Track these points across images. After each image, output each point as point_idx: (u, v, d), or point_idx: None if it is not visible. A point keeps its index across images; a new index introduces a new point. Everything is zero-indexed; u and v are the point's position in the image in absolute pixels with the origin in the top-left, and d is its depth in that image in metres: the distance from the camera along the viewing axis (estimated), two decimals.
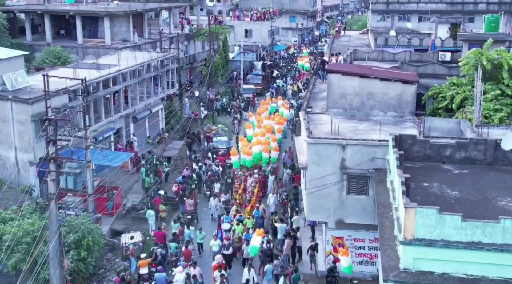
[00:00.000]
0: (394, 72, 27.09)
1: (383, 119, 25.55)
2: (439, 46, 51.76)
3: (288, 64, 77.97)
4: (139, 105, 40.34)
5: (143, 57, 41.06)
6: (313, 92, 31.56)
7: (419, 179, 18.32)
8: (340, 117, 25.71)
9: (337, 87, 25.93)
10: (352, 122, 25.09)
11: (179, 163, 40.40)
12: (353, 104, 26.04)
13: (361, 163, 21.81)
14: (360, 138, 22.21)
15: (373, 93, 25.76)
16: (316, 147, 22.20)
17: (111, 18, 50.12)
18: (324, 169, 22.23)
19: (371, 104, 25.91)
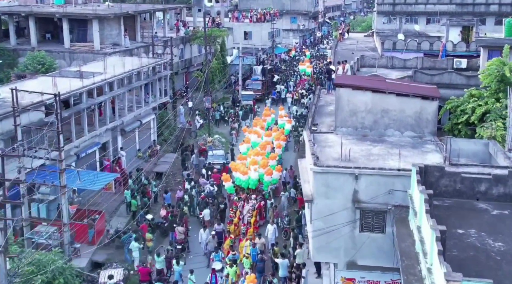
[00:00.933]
0: (411, 85, 23.80)
1: (400, 140, 22.27)
2: (450, 50, 48.54)
3: (289, 68, 74.67)
4: (128, 116, 37.05)
5: (132, 63, 37.78)
6: (318, 105, 28.26)
7: (451, 224, 15.04)
8: (350, 138, 22.44)
9: (347, 103, 22.66)
10: (364, 144, 21.80)
11: (171, 179, 37.13)
12: (365, 122, 22.77)
13: (377, 195, 18.52)
14: (375, 167, 18.89)
15: (388, 110, 22.48)
16: (324, 177, 18.92)
17: (100, 20, 46.90)
18: (333, 202, 18.96)
19: (386, 123, 22.63)
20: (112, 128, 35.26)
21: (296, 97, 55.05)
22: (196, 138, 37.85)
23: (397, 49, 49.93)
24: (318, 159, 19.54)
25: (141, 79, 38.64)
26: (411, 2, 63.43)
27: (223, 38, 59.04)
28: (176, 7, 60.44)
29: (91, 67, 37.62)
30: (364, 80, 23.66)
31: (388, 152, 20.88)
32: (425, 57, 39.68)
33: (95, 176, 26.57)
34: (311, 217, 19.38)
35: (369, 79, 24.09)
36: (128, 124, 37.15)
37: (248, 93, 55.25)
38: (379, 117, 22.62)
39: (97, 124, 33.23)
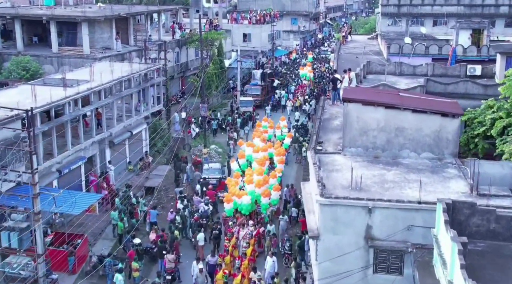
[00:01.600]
0: (429, 99, 21.18)
1: (417, 163, 19.66)
2: (460, 55, 45.94)
3: (290, 71, 72.04)
4: (117, 127, 34.42)
5: (122, 70, 35.08)
6: (323, 118, 25.65)
7: (487, 276, 12.44)
8: (360, 160, 19.84)
9: (357, 120, 20.06)
10: (377, 168, 19.19)
11: (163, 195, 34.50)
12: (377, 142, 20.16)
13: (394, 232, 15.92)
14: (392, 198, 16.27)
15: (403, 128, 19.87)
16: (332, 210, 16.33)
17: (91, 23, 44.36)
18: (342, 239, 16.38)
19: (401, 142, 20.03)
20: (99, 140, 32.64)
21: (297, 104, 52.29)
22: (190, 152, 35.13)
23: (404, 54, 47.36)
24: (324, 187, 16.93)
25: (131, 87, 36.03)
26: (417, 3, 60.81)
27: (220, 41, 56.38)
28: (171, 9, 57.72)
29: (78, 74, 35.04)
30: (375, 94, 21.05)
31: (405, 178, 18.26)
32: (436, 63, 37.06)
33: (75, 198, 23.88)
34: (317, 255, 16.76)
35: (381, 93, 21.48)
36: (117, 135, 34.51)
37: (247, 99, 52.61)
38: (393, 136, 20.01)
39: (82, 137, 30.58)
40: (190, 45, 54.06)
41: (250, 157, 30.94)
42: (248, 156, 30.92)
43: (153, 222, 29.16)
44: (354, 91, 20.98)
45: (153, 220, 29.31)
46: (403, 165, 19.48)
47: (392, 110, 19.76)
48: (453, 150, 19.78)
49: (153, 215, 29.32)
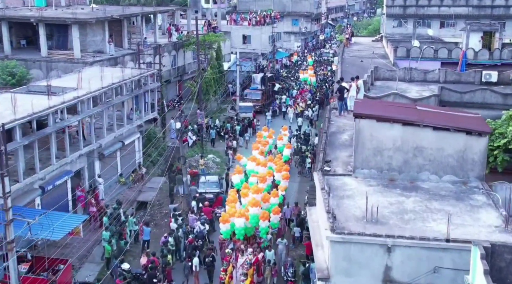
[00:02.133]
0: (451, 114, 18.86)
1: (438, 187, 17.35)
2: (471, 59, 43.68)
3: (291, 74, 69.74)
4: (107, 137, 32.10)
5: (113, 76, 32.76)
6: (329, 132, 23.33)
7: None
8: (374, 184, 17.54)
9: (370, 139, 17.75)
10: (393, 194, 16.88)
11: (157, 210, 32.17)
12: (392, 163, 17.86)
13: (418, 276, 13.62)
14: (415, 235, 13.95)
15: (423, 148, 17.57)
16: (345, 248, 14.03)
17: (82, 26, 41.99)
18: (357, 281, 14.05)
19: (420, 163, 17.73)
20: (87, 153, 30.33)
21: (298, 111, 49.81)
22: (185, 165, 32.78)
23: (411, 58, 45.05)
24: (335, 219, 14.61)
25: (123, 94, 33.71)
26: (424, 4, 58.47)
27: (219, 44, 54.02)
28: (168, 10, 55.34)
29: (66, 80, 32.75)
30: (390, 108, 18.72)
31: (427, 207, 15.95)
32: (448, 69, 34.81)
33: (55, 225, 21.55)
34: None
35: (396, 106, 19.15)
36: (107, 147, 32.21)
37: (246, 104, 50.25)
38: (411, 156, 17.71)
39: (68, 150, 28.26)
40: (188, 48, 51.71)
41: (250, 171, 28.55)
42: (250, 171, 28.51)
43: (146, 240, 26.99)
44: (366, 105, 18.67)
45: (146, 238, 27.13)
46: (423, 190, 17.16)
47: (410, 128, 17.46)
48: (479, 173, 17.46)
49: (146, 232, 27.10)
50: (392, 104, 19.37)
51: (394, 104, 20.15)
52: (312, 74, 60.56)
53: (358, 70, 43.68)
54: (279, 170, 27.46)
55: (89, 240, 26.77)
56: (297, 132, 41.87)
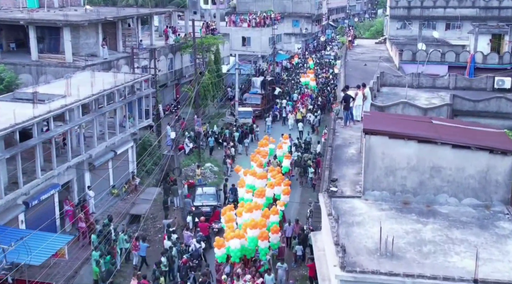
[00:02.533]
0: (471, 130, 17.07)
1: (458, 212, 15.59)
2: (480, 62, 42.03)
3: (292, 78, 67.94)
4: (98, 147, 30.33)
5: (105, 81, 30.98)
6: (335, 145, 21.55)
7: None
8: (387, 208, 15.78)
9: (382, 157, 15.98)
10: (409, 220, 15.11)
11: (150, 224, 30.41)
12: (406, 184, 16.09)
13: None
14: (437, 274, 12.17)
15: (440, 168, 15.81)
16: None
17: (74, 28, 40.24)
18: None
19: (437, 185, 15.96)
20: (76, 164, 28.56)
21: (299, 117, 47.87)
22: (180, 176, 30.97)
23: (417, 61, 43.31)
24: (345, 252, 12.83)
25: (115, 101, 31.92)
26: (429, 5, 56.78)
27: (217, 47, 52.22)
28: (164, 11, 53.53)
29: (55, 86, 30.98)
30: (403, 123, 16.94)
31: (447, 236, 14.17)
32: (458, 74, 33.08)
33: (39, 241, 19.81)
34: None
35: (409, 120, 17.36)
36: (98, 157, 30.43)
37: (246, 109, 48.46)
38: (427, 177, 15.94)
39: (55, 162, 26.47)
40: (185, 51, 49.92)
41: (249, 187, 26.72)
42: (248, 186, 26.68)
43: (143, 256, 25.36)
44: (377, 119, 16.88)
45: (143, 254, 25.54)
46: (442, 215, 15.39)
47: (427, 145, 15.69)
48: (504, 196, 15.68)
49: (142, 248, 25.45)
50: (405, 118, 17.59)
51: (407, 117, 18.36)
52: (313, 78, 58.78)
53: (362, 75, 41.98)
54: (279, 183, 25.66)
55: (78, 259, 25.04)
56: (297, 141, 39.90)
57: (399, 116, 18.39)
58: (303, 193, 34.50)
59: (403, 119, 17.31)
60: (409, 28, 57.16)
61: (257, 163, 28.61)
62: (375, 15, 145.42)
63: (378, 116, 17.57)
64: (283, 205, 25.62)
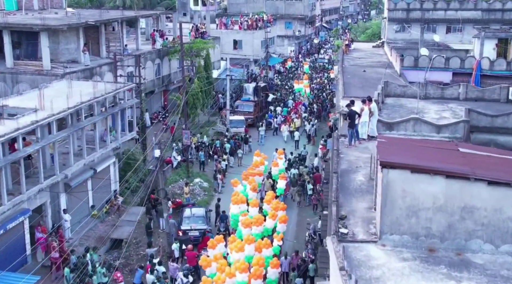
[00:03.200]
0: (506, 159, 14.39)
1: (496, 262, 12.92)
2: (486, 69, 39.61)
3: (285, 82, 65.23)
4: (75, 165, 27.49)
5: (83, 92, 28.15)
6: (340, 170, 18.84)
7: None
8: (409, 257, 13.08)
9: (402, 195, 13.29)
10: (438, 274, 12.41)
11: (133, 251, 27.59)
12: (432, 228, 13.41)
13: None
14: None
15: (473, 208, 13.14)
16: None
17: (53, 33, 37.48)
18: None
19: (469, 229, 13.29)
20: (50, 186, 25.70)
21: (293, 128, 44.91)
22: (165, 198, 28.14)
23: (419, 67, 40.81)
24: None
25: (95, 114, 29.09)
26: (429, 7, 54.24)
27: (207, 51, 49.44)
28: (151, 14, 50.67)
29: (27, 98, 28.12)
30: (425, 152, 14.24)
31: None
32: (469, 84, 30.54)
33: None
34: None
35: (432, 149, 14.66)
36: (75, 176, 27.59)
37: (238, 118, 45.70)
38: (457, 219, 13.26)
39: (24, 185, 23.63)
40: (173, 56, 47.12)
41: (235, 217, 23.96)
42: (234, 216, 23.92)
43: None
44: (394, 148, 14.17)
45: (138, 282, 22.91)
46: (477, 267, 12.71)
47: (457, 181, 13.01)
48: None
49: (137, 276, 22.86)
50: (426, 145, 14.92)
51: (428, 144, 15.64)
52: (306, 84, 56.07)
53: (362, 82, 39.37)
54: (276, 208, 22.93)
55: None
56: (291, 156, 36.83)
57: (419, 143, 15.71)
58: (300, 213, 31.83)
59: (425, 147, 14.66)
60: (408, 31, 54.64)
61: (251, 186, 25.85)
62: (368, 16, 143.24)
63: (394, 143, 14.86)
64: (280, 239, 22.84)
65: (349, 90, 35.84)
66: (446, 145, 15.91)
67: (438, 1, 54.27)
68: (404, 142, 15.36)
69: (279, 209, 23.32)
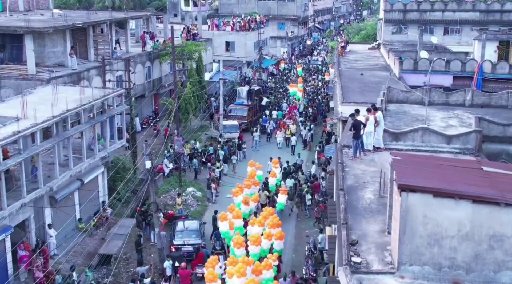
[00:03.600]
0: None
1: None
2: (488, 72, 38.37)
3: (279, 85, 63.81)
4: (61, 177, 25.86)
5: (69, 99, 26.51)
6: (346, 186, 17.42)
7: None
8: None
9: (423, 222, 11.91)
10: None
11: (122, 268, 26.06)
12: (457, 258, 12.04)
13: None
14: None
15: (503, 236, 11.80)
16: None
17: (39, 36, 35.92)
18: None
19: (498, 259, 11.93)
20: (34, 200, 24.10)
21: (288, 135, 43.19)
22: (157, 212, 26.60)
23: (419, 71, 39.60)
24: None
25: (82, 122, 27.50)
26: (426, 8, 52.98)
27: (199, 54, 47.91)
28: (141, 16, 49.07)
29: (10, 106, 26.46)
30: (447, 173, 12.83)
31: None
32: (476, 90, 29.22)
33: None
34: None
35: (455, 168, 13.26)
36: (61, 188, 25.98)
37: (231, 123, 44.16)
38: (485, 248, 11.89)
39: (5, 201, 22.01)
40: (164, 59, 45.55)
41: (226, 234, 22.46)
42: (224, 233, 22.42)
43: None
44: (411, 168, 12.74)
45: None
46: None
47: (485, 206, 11.64)
48: None
49: None
50: (448, 164, 13.52)
51: (449, 162, 14.23)
52: (300, 88, 54.63)
53: (361, 86, 38.02)
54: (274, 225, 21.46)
55: None
56: (287, 165, 35.08)
57: (438, 161, 14.28)
58: (298, 224, 30.38)
59: (446, 166, 13.28)
60: (405, 32, 53.36)
61: (243, 200, 24.34)
62: (360, 16, 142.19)
63: (410, 161, 13.43)
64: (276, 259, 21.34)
65: (348, 95, 34.49)
66: (468, 163, 14.50)
67: (436, 2, 53.06)
68: (421, 160, 13.94)
69: (275, 227, 21.81)
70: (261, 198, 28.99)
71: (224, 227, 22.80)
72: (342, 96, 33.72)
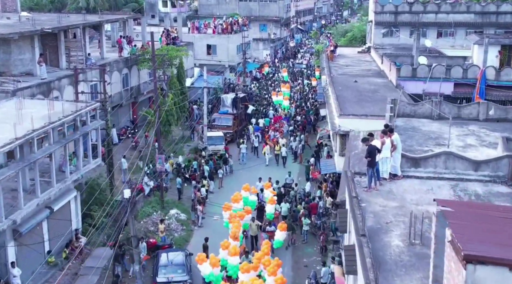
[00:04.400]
0: None
1: None
2: (492, 79, 36.00)
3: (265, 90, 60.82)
4: (26, 207, 22.54)
5: (35, 116, 23.21)
6: (366, 230, 14.47)
7: None
8: None
9: None
10: None
11: None
12: None
13: None
14: None
15: None
16: None
17: (3, 42, 32.56)
18: None
19: None
20: None
21: (277, 150, 39.48)
22: (138, 248, 23.41)
23: (418, 78, 37.07)
24: None
25: (50, 142, 24.19)
26: (419, 10, 50.47)
27: (181, 59, 44.73)
28: (117, 19, 45.64)
29: None
30: (509, 230, 9.96)
31: None
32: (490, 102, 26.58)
33: None
34: None
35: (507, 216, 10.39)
36: (26, 220, 22.66)
37: (216, 134, 41.04)
38: None
39: None
40: (142, 66, 42.26)
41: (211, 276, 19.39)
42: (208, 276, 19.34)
43: None
44: (471, 226, 9.89)
45: None
46: None
47: None
48: None
49: None
50: (499, 212, 10.67)
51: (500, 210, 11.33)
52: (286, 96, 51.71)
53: (356, 95, 35.24)
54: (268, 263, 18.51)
55: None
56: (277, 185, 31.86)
57: (502, 212, 11.34)
58: (295, 251, 27.36)
59: (507, 219, 10.44)
60: (397, 35, 50.85)
61: (231, 234, 21.30)
62: (341, 17, 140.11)
63: (467, 216, 10.49)
64: None
65: (345, 106, 31.69)
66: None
67: (428, 4, 50.63)
68: (479, 212, 11.03)
69: (275, 273, 18.84)
70: (252, 230, 25.80)
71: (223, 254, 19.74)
72: (339, 107, 30.87)
